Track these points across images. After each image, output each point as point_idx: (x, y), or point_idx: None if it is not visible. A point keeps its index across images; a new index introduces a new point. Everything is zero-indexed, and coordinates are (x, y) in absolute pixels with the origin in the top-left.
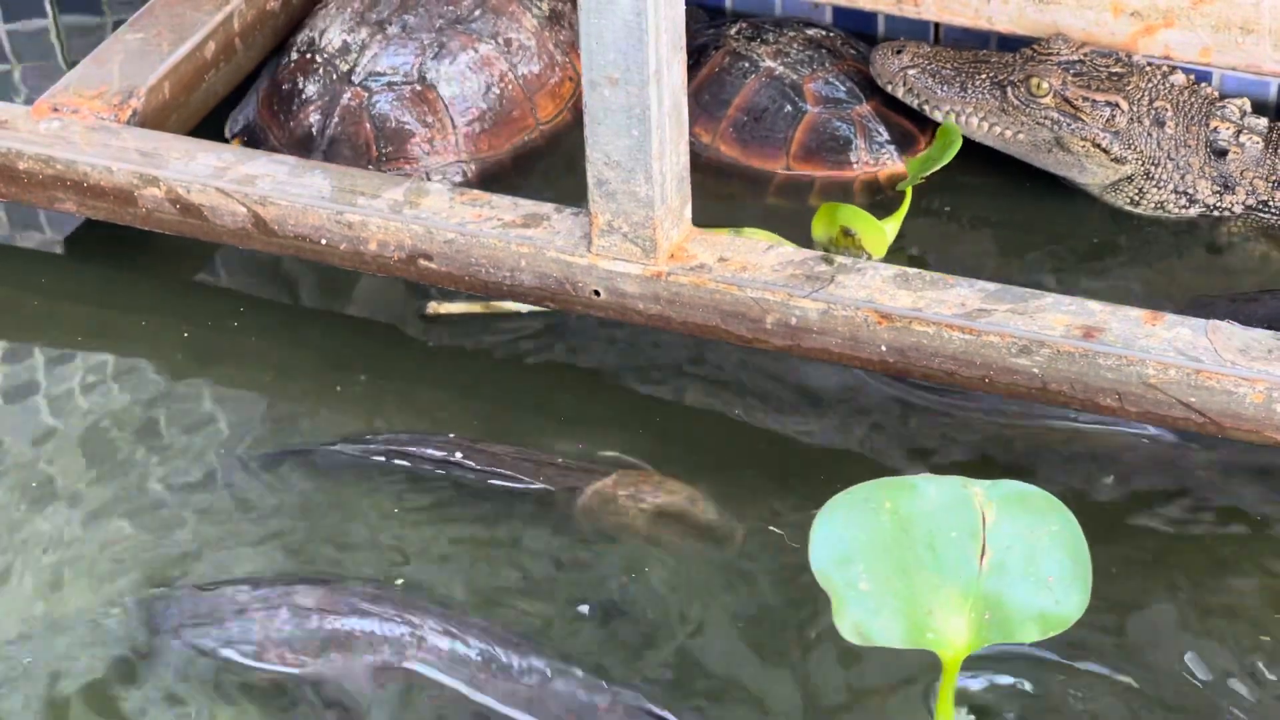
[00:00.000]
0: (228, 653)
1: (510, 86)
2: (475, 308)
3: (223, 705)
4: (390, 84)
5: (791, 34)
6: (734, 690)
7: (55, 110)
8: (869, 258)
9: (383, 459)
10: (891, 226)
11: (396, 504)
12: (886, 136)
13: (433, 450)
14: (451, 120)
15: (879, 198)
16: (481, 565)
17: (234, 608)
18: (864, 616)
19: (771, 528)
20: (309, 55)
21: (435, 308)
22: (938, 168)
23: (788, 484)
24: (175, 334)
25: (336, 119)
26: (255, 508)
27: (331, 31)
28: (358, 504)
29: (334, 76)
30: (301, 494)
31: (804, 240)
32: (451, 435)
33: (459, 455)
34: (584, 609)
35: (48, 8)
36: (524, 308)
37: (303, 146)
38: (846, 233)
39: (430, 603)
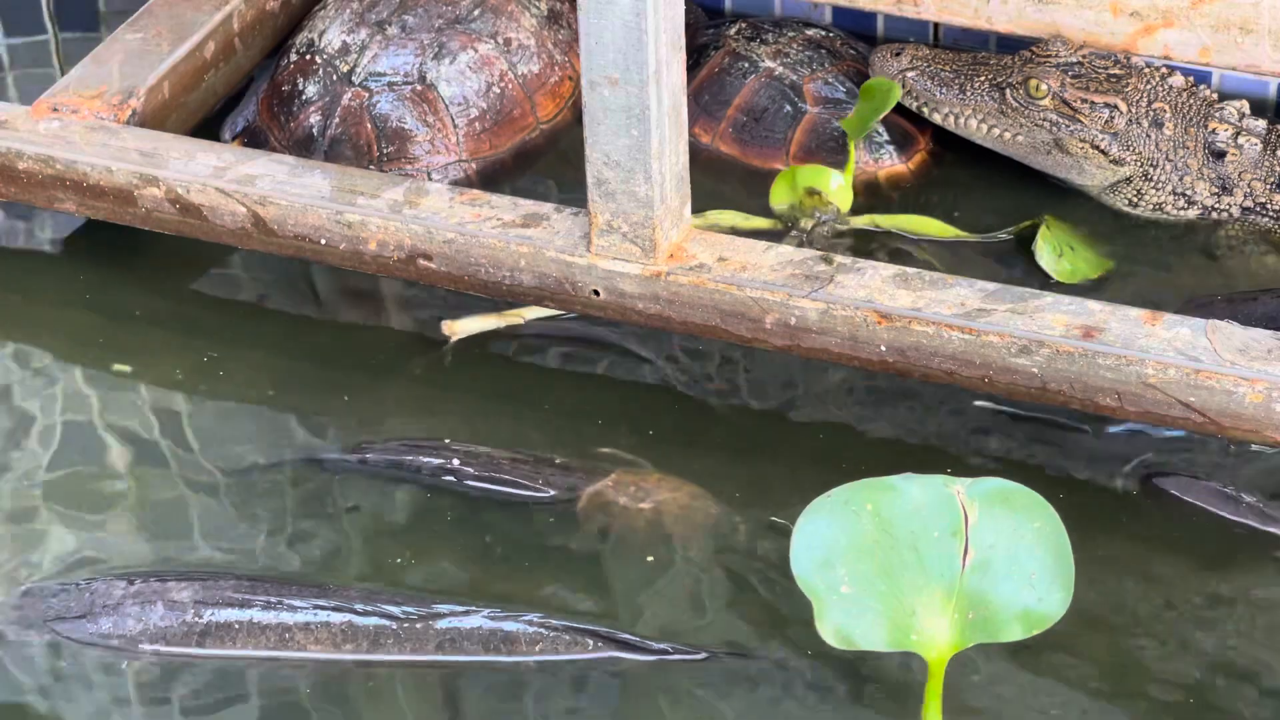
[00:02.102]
0: (100, 646)
1: (510, 86)
2: (489, 323)
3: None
4: (391, 84)
5: (791, 34)
6: (728, 688)
7: (55, 110)
8: (838, 212)
9: (379, 468)
10: (847, 179)
11: (393, 511)
12: (886, 137)
13: (429, 458)
14: (452, 120)
15: (877, 199)
16: (481, 570)
17: (108, 602)
18: (846, 620)
19: (775, 519)
20: (309, 56)
21: (450, 327)
22: (879, 119)
23: (790, 480)
24: (177, 340)
25: (337, 119)
26: (250, 516)
27: (331, 32)
28: (352, 512)
29: (334, 77)
30: (297, 502)
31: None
32: (447, 440)
33: (455, 462)
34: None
35: (47, 23)
36: (532, 314)
37: (303, 147)
38: (811, 193)
39: (307, 584)
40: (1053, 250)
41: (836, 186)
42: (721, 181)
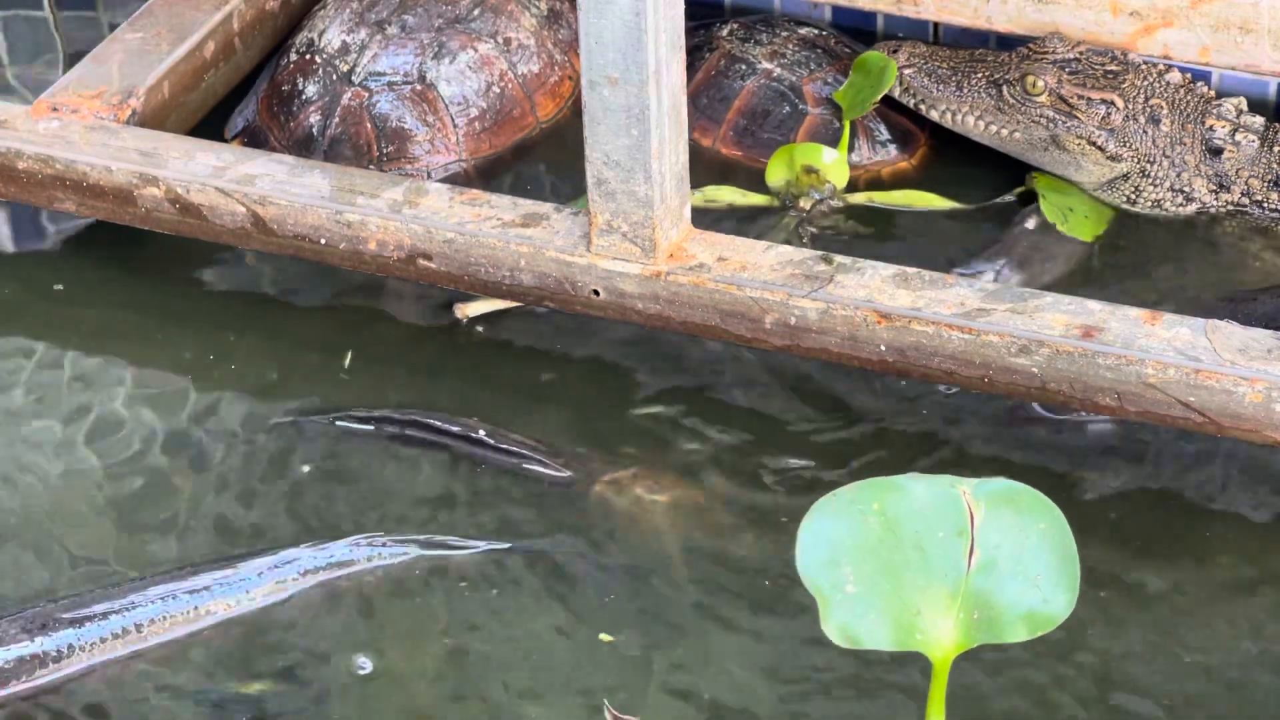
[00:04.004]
0: None
1: (510, 86)
2: (500, 303)
3: None
4: (391, 84)
5: (784, 34)
6: (727, 688)
7: (54, 110)
8: (834, 189)
9: (402, 430)
10: (841, 155)
11: (400, 475)
12: (888, 135)
13: (452, 425)
14: (452, 120)
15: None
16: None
17: None
18: (851, 619)
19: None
20: (308, 56)
21: (463, 309)
22: (878, 97)
23: (798, 476)
24: (179, 335)
25: (337, 119)
26: (255, 499)
27: (331, 32)
28: (372, 475)
29: (334, 77)
30: (304, 476)
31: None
32: (474, 419)
33: (481, 432)
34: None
35: (45, 3)
36: None
37: (303, 147)
38: (809, 170)
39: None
40: (1057, 216)
41: (831, 161)
42: (724, 184)
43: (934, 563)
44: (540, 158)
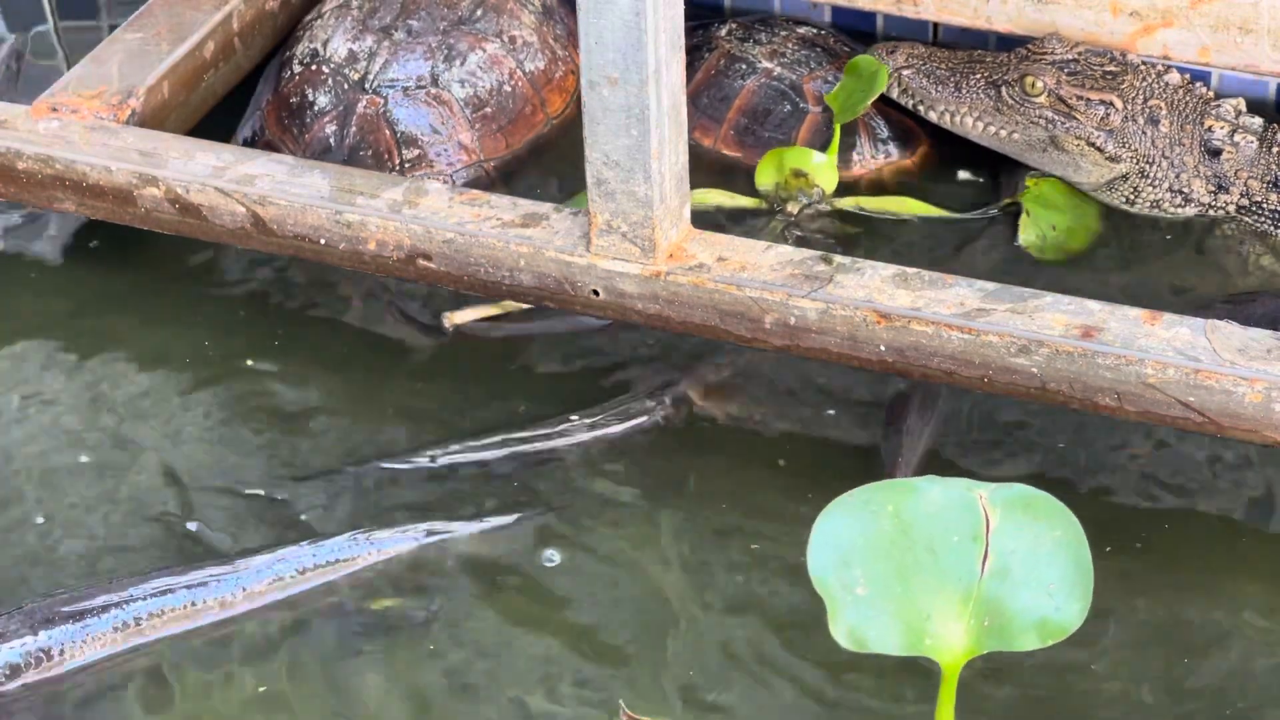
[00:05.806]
0: None
1: (520, 84)
2: (490, 310)
3: None
4: (405, 90)
5: (784, 34)
6: (731, 689)
7: (54, 110)
8: (823, 193)
9: (491, 461)
10: (831, 159)
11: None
12: (888, 134)
13: (540, 430)
14: (468, 121)
15: (883, 194)
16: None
17: None
18: (860, 622)
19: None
20: (314, 66)
21: (450, 318)
22: (869, 102)
23: (804, 476)
24: (180, 338)
25: (354, 128)
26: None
27: (335, 41)
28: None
29: (345, 86)
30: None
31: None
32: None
33: (575, 417)
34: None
35: (48, 13)
36: None
37: (320, 158)
38: (798, 174)
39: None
40: (1036, 232)
41: (818, 163)
42: (724, 184)
43: (946, 566)
44: (555, 155)
